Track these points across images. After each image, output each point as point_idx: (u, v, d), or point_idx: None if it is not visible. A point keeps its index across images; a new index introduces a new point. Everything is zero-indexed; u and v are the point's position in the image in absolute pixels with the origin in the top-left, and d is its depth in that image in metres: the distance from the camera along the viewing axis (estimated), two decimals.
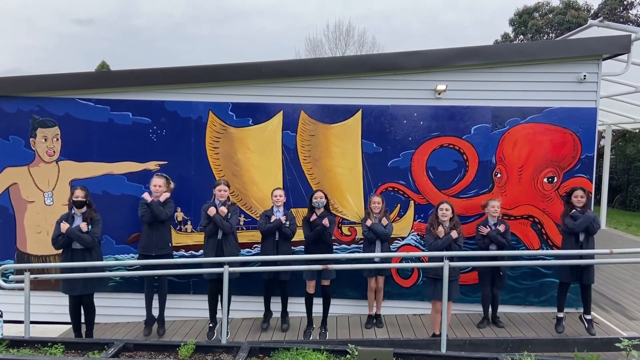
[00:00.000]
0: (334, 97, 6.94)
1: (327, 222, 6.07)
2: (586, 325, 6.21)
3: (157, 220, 6.25)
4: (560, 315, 6.37)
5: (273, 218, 6.26)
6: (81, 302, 6.11)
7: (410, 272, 7.08)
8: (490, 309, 6.65)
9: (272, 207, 6.44)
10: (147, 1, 59.87)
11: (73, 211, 6.00)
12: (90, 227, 5.88)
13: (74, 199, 5.94)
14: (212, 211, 6.09)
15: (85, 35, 56.95)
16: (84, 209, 6.00)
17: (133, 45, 51.95)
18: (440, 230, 5.96)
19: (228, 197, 6.34)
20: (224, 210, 6.15)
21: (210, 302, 6.43)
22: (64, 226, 5.79)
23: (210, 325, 6.45)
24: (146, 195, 6.28)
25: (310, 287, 6.29)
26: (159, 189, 6.34)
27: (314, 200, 6.19)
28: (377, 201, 6.46)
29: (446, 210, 6.01)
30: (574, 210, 6.13)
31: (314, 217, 6.17)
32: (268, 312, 6.74)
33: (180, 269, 6.21)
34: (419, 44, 47.45)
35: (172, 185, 6.60)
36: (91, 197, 6.13)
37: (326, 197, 6.30)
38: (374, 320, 6.74)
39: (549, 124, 6.86)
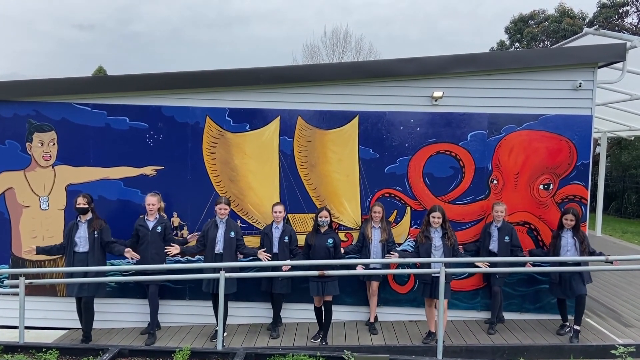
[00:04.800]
0: (331, 103, 6.96)
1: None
2: (572, 333, 6.32)
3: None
4: (564, 322, 6.59)
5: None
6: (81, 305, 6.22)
7: (407, 279, 7.07)
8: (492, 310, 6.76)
9: (272, 222, 6.49)
10: (147, 6, 60.06)
11: (78, 219, 6.18)
12: (101, 236, 6.16)
13: (77, 206, 6.14)
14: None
15: (85, 40, 57.08)
16: (89, 215, 6.19)
17: (131, 50, 52.10)
18: (422, 239, 6.07)
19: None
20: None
21: (215, 310, 6.38)
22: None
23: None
24: (128, 254, 6.14)
25: (317, 301, 6.32)
26: (153, 207, 6.40)
27: (319, 219, 6.22)
28: (377, 210, 6.50)
29: (438, 218, 6.06)
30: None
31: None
32: (276, 321, 6.70)
33: (174, 274, 6.21)
34: (417, 50, 47.76)
35: (162, 204, 6.64)
36: None
37: (330, 215, 6.32)
38: (374, 323, 6.76)
39: (544, 131, 6.90)
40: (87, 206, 6.15)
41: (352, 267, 6.14)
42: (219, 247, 6.26)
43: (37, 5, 58.63)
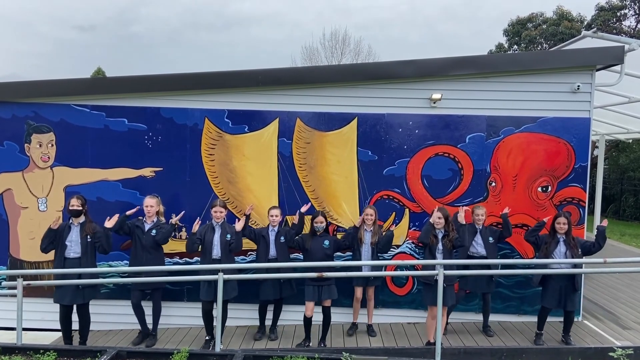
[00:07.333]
0: (329, 105, 6.96)
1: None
2: (564, 340, 6.29)
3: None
4: (540, 332, 6.36)
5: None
6: (71, 311, 6.07)
7: (405, 281, 7.07)
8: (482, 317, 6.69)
9: (268, 225, 6.45)
10: (146, 8, 60.12)
11: (70, 221, 5.99)
12: (94, 239, 5.97)
13: (70, 207, 5.93)
14: None
15: (84, 41, 57.19)
16: (82, 218, 6.00)
17: (131, 52, 52.18)
18: (433, 240, 5.97)
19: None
20: None
21: (205, 318, 6.32)
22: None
23: (207, 338, 6.36)
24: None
25: (309, 309, 6.12)
26: (151, 209, 6.32)
27: (315, 225, 6.24)
28: (370, 213, 6.44)
29: (439, 218, 5.96)
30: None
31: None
32: (263, 327, 6.68)
33: (173, 276, 6.20)
34: (417, 53, 47.95)
35: (162, 208, 6.56)
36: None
37: (326, 220, 6.35)
38: (357, 328, 6.72)
39: (543, 134, 6.91)
40: (80, 208, 5.94)
41: (352, 268, 6.13)
42: (216, 252, 6.18)
43: (37, 6, 58.72)
